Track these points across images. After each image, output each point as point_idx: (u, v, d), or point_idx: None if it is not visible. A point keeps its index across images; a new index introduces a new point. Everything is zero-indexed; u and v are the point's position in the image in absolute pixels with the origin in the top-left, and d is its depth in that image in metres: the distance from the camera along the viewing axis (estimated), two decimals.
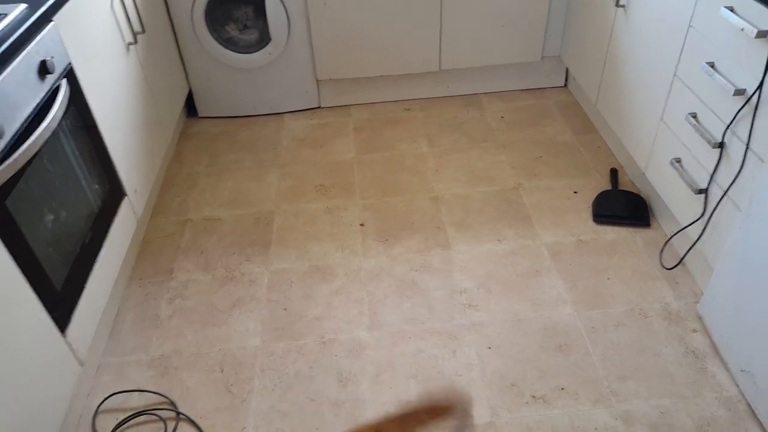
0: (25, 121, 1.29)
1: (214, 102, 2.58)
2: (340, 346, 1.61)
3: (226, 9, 2.37)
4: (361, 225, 2.00)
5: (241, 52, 2.42)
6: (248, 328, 1.68)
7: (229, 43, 2.41)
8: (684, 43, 1.60)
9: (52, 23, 1.43)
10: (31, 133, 1.27)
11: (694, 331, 1.57)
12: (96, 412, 1.49)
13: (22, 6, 1.38)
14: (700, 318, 1.60)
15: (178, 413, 1.48)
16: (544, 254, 1.84)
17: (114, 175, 1.72)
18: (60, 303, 1.36)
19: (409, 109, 2.60)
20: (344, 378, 1.53)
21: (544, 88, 2.68)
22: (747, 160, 1.38)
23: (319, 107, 2.65)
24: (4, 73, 1.22)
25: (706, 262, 1.61)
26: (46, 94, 1.38)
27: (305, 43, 2.43)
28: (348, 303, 1.73)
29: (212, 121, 2.61)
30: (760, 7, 1.29)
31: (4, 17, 1.31)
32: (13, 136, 1.24)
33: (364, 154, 2.34)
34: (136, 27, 1.97)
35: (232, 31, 2.41)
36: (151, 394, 1.52)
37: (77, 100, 1.54)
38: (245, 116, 2.62)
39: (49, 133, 1.33)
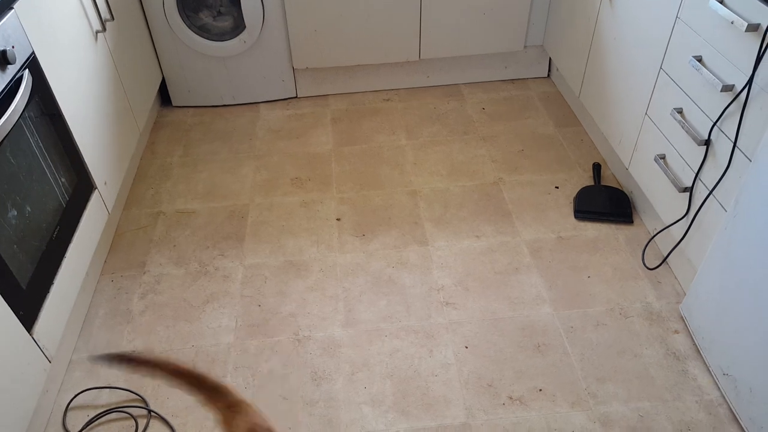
0: None
1: (188, 91, 2.50)
2: (314, 344, 1.58)
3: None
4: (338, 219, 1.97)
5: (215, 40, 2.35)
6: (221, 325, 1.64)
7: (202, 30, 2.34)
8: (671, 36, 1.57)
9: (12, 11, 1.35)
10: None
11: (676, 332, 1.56)
12: (66, 409, 1.45)
13: None
14: (682, 319, 1.59)
15: (150, 411, 1.44)
16: (524, 251, 1.82)
17: (82, 167, 1.66)
18: (26, 300, 1.31)
19: (388, 100, 2.56)
20: (318, 377, 1.50)
21: (527, 79, 2.65)
22: (734, 159, 1.35)
23: (296, 97, 2.59)
24: None
25: (690, 261, 1.59)
26: (6, 85, 1.31)
27: (281, 31, 2.36)
28: (323, 299, 1.70)
29: (186, 110, 2.54)
30: None
31: None
32: None
33: (342, 146, 2.30)
34: (105, 14, 1.89)
35: (205, 17, 2.34)
36: (122, 390, 1.49)
37: (41, 91, 1.47)
38: (220, 106, 2.56)
39: (10, 126, 1.27)
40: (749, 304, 1.27)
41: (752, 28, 1.25)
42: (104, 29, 1.85)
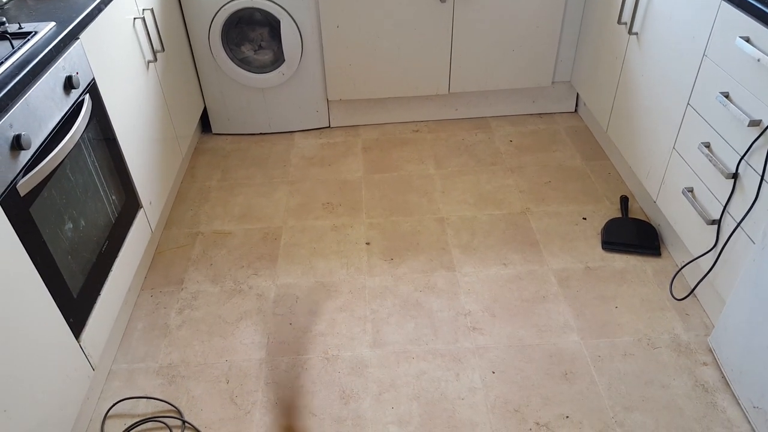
0: (50, 133, 1.33)
1: (228, 119, 2.63)
2: (343, 363, 1.62)
3: (242, 30, 2.43)
4: (367, 243, 2.02)
5: (256, 72, 2.47)
6: (254, 341, 1.69)
7: (244, 63, 2.47)
8: (698, 72, 1.61)
9: (78, 41, 1.48)
10: (55, 145, 1.32)
11: (705, 364, 1.56)
12: (105, 417, 1.51)
13: (51, 24, 1.43)
14: (711, 351, 1.59)
15: (184, 421, 1.49)
16: (551, 280, 1.84)
17: (131, 186, 1.76)
18: (76, 309, 1.39)
19: (417, 131, 2.64)
20: (346, 395, 1.53)
21: (554, 113, 2.71)
22: (761, 192, 1.37)
23: (329, 127, 2.69)
24: (33, 88, 1.27)
25: (718, 294, 1.60)
26: (70, 107, 1.42)
27: (317, 65, 2.48)
28: (352, 320, 1.74)
29: (225, 137, 2.66)
30: None
31: (34, 35, 1.37)
32: (39, 147, 1.28)
33: (372, 173, 2.37)
34: (156, 46, 2.03)
35: (247, 51, 2.47)
36: (158, 401, 1.54)
37: (99, 114, 1.58)
38: (257, 134, 2.67)
39: (72, 145, 1.37)
40: None
41: None
42: (155, 59, 1.98)
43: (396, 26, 2.38)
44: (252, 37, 2.46)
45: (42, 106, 1.30)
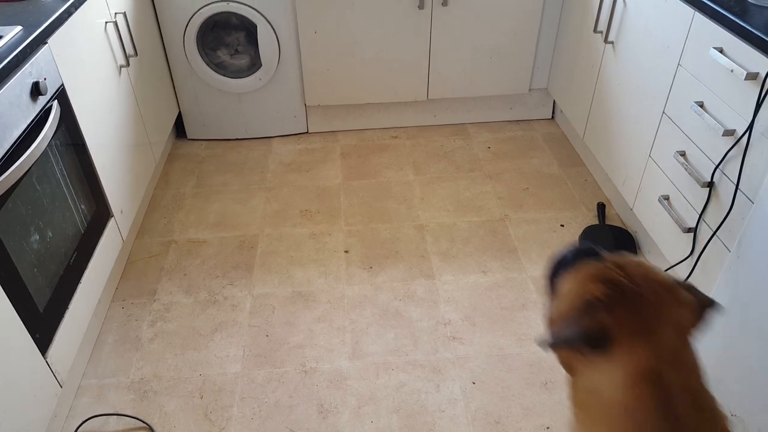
0: (16, 141, 1.28)
1: (203, 125, 2.58)
2: (321, 376, 1.59)
3: (218, 34, 2.39)
4: (346, 252, 2.00)
5: (232, 77, 2.43)
6: (229, 354, 1.65)
7: (219, 68, 2.42)
8: (673, 82, 1.63)
9: (46, 45, 1.43)
10: (21, 154, 1.26)
11: None
12: None
13: (18, 28, 1.38)
14: None
15: None
16: (530, 288, 1.84)
17: (101, 195, 1.70)
18: (42, 324, 1.34)
19: (396, 137, 2.63)
20: (325, 409, 1.51)
21: (531, 120, 2.72)
22: (736, 201, 1.39)
23: (307, 132, 2.66)
24: None
25: None
26: (37, 114, 1.37)
27: (295, 70, 2.45)
28: (330, 331, 1.71)
29: (201, 143, 2.61)
30: (749, 48, 1.32)
31: None
32: (3, 156, 1.23)
33: (351, 180, 2.35)
34: (129, 50, 1.97)
35: (223, 55, 2.43)
36: (129, 418, 1.49)
37: (68, 121, 1.53)
38: (234, 139, 2.62)
39: (39, 153, 1.32)
40: (755, 344, 1.29)
41: (751, 76, 1.31)
42: (128, 64, 1.93)
43: (374, 32, 2.37)
44: (228, 42, 2.41)
45: (7, 114, 1.25)
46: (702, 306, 0.75)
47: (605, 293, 0.72)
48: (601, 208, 2.14)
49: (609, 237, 1.99)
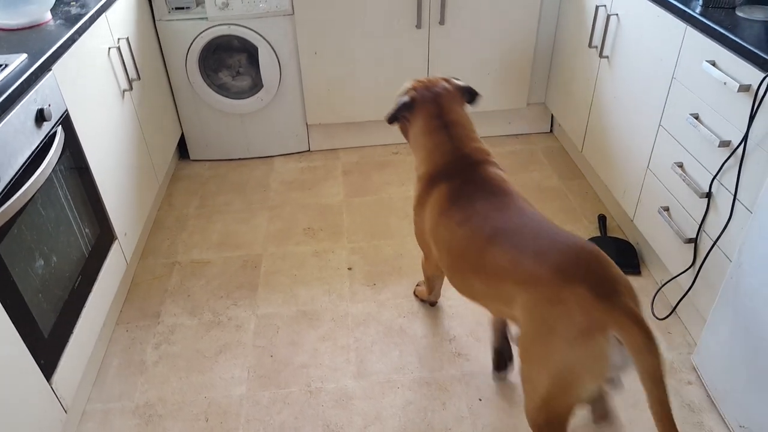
0: (21, 167, 1.30)
1: (206, 145, 2.60)
2: (326, 396, 1.58)
3: (220, 56, 2.42)
4: (349, 269, 2.00)
5: (234, 98, 2.46)
6: (234, 376, 1.65)
7: (221, 89, 2.46)
8: (668, 95, 1.65)
9: (50, 72, 1.45)
10: (26, 180, 1.28)
11: (689, 383, 1.56)
12: None
13: (23, 56, 1.40)
14: (695, 369, 1.59)
15: None
16: None
17: (105, 218, 1.72)
18: (47, 350, 1.34)
19: (397, 153, 2.64)
20: (331, 430, 1.50)
21: (530, 134, 2.74)
22: (735, 211, 1.40)
23: (309, 150, 2.69)
24: (3, 123, 1.24)
25: (699, 311, 1.61)
26: (42, 140, 1.39)
27: (296, 90, 2.48)
28: (335, 350, 1.71)
29: (203, 163, 2.63)
30: (741, 61, 1.33)
31: (5, 67, 1.34)
32: (8, 183, 1.24)
33: (353, 197, 2.36)
34: (132, 74, 2.00)
35: (225, 77, 2.46)
36: None
37: (72, 146, 1.55)
38: (236, 159, 2.65)
39: (43, 179, 1.34)
40: (760, 353, 1.28)
41: (744, 88, 1.32)
42: (131, 88, 1.96)
43: (373, 51, 2.40)
44: (230, 64, 2.45)
45: (12, 141, 1.27)
46: (468, 91, 1.51)
47: (413, 86, 1.50)
48: (602, 220, 2.14)
49: (612, 249, 1.99)
